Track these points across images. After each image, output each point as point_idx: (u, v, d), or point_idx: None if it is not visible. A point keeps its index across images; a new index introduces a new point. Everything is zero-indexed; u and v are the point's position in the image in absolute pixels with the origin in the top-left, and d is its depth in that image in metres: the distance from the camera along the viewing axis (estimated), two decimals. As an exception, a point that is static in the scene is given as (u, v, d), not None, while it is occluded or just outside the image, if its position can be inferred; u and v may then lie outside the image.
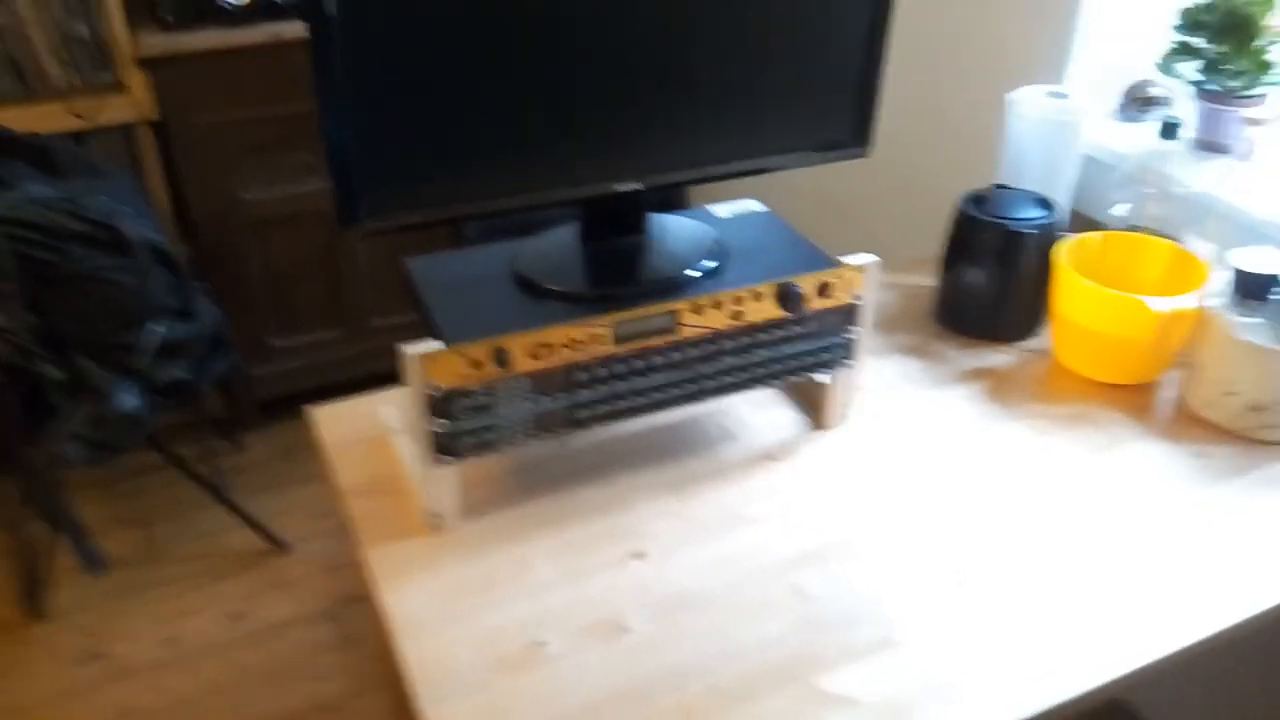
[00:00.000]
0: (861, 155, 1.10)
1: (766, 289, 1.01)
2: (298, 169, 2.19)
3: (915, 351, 1.26)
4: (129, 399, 1.75)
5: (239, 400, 2.36)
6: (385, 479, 1.07)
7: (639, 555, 0.97)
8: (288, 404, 2.40)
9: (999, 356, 1.25)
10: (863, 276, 1.04)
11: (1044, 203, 1.25)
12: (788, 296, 1.00)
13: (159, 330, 1.79)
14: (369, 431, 1.14)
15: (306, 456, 2.30)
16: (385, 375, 2.43)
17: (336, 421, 1.16)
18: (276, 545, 2.03)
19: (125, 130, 2.08)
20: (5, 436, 1.92)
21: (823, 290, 1.03)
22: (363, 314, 2.39)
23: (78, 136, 2.03)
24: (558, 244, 1.08)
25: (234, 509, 2.03)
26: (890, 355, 1.25)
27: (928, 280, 1.37)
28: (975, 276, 1.25)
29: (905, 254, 1.45)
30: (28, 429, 1.79)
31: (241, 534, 2.05)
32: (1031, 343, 1.28)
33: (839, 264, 1.03)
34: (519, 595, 0.93)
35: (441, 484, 0.98)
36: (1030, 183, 1.34)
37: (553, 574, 0.95)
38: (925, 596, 0.92)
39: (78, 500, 2.11)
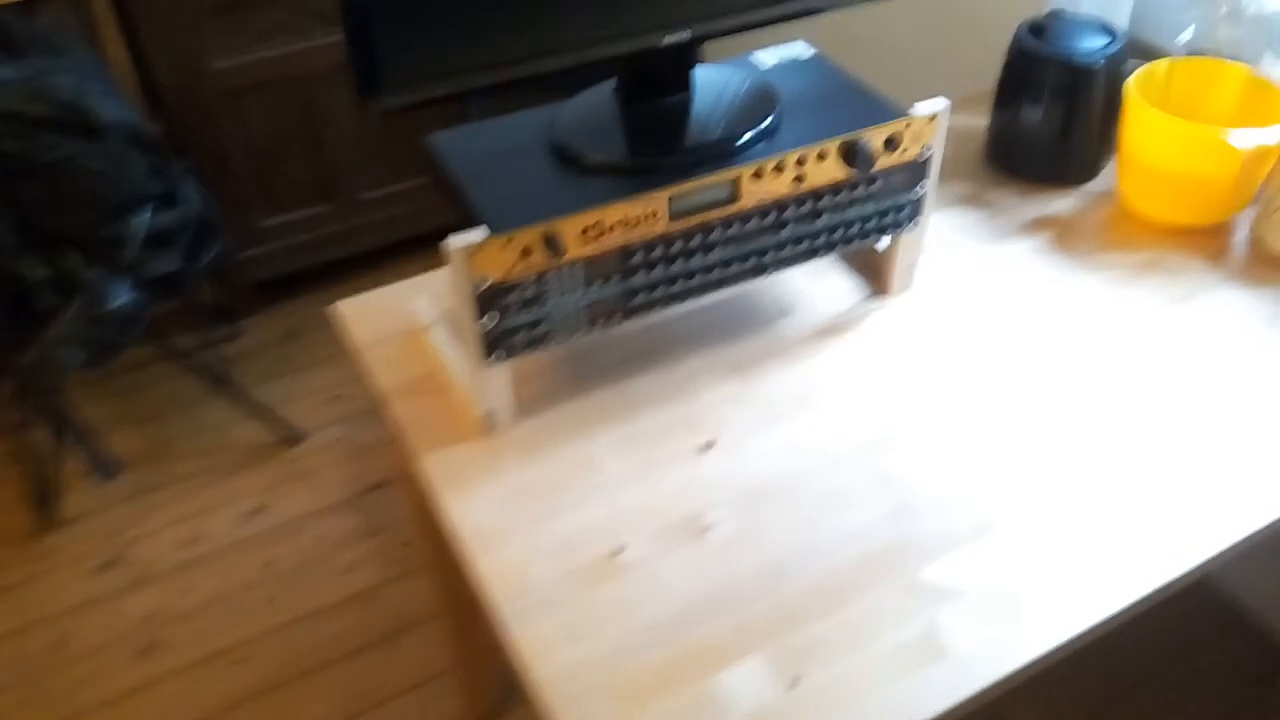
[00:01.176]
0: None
1: (831, 147, 0.91)
2: (269, 29, 2.02)
3: (971, 201, 1.18)
4: (121, 295, 1.65)
5: (231, 285, 2.25)
6: (425, 377, 1.00)
7: (709, 445, 0.91)
8: (282, 286, 2.31)
9: (1061, 202, 1.17)
10: (933, 126, 0.95)
11: (1107, 30, 1.15)
12: (855, 154, 0.91)
13: (144, 219, 1.68)
14: (400, 326, 1.06)
15: (309, 340, 2.22)
16: (379, 250, 2.35)
17: (364, 317, 1.08)
18: (288, 435, 1.97)
19: (75, -3, 1.91)
20: (-5, 344, 1.82)
21: (889, 144, 0.94)
22: (352, 187, 2.27)
23: (24, 6, 1.86)
24: (595, 109, 0.97)
25: (241, 400, 1.96)
26: (945, 207, 1.17)
27: (976, 120, 1.28)
28: (1034, 115, 1.16)
29: (946, 93, 1.34)
30: (17, 335, 1.70)
31: (250, 426, 1.99)
32: (1094, 185, 1.20)
33: (907, 114, 0.94)
34: (589, 496, 0.87)
35: (493, 383, 0.91)
36: (1087, 6, 1.23)
37: (622, 471, 0.89)
38: (1013, 474, 0.87)
39: (74, 402, 2.03)
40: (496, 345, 0.88)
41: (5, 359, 1.79)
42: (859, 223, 0.97)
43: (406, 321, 1.07)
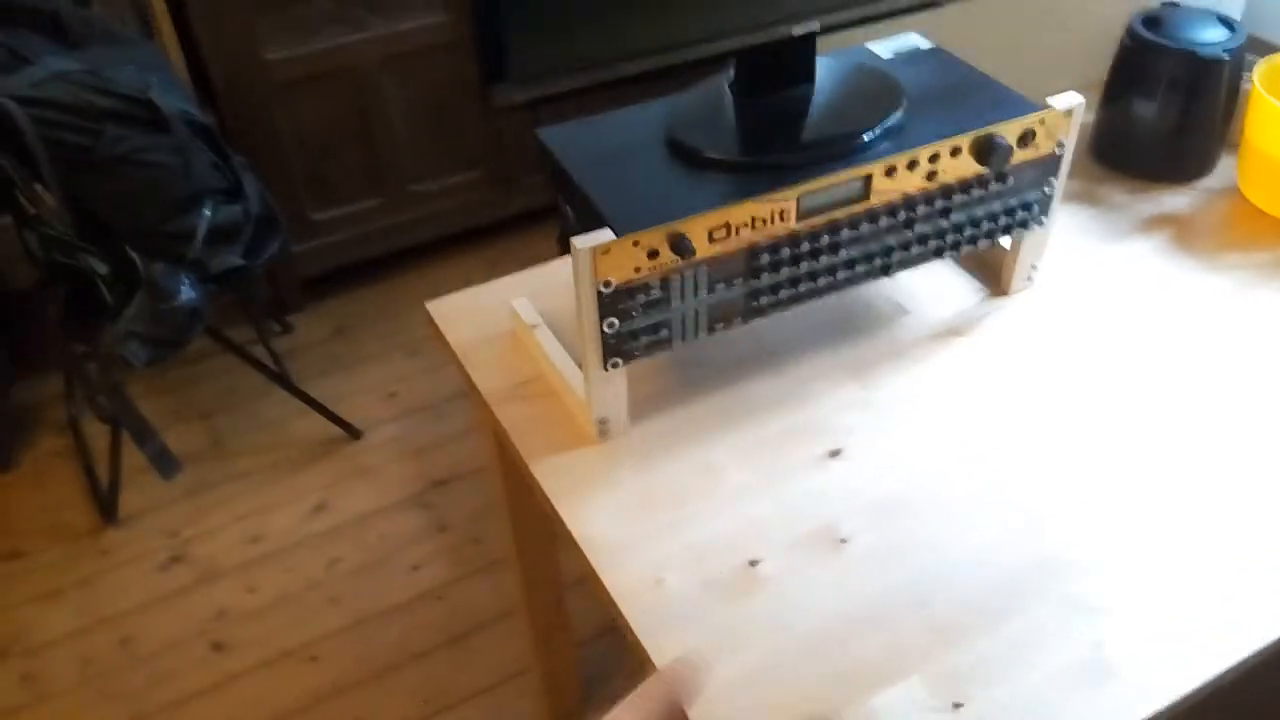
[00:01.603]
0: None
1: (965, 142, 0.88)
2: (320, 20, 1.99)
3: (1083, 198, 1.14)
4: (186, 290, 1.63)
5: (284, 280, 2.23)
6: (529, 381, 0.97)
7: (835, 453, 0.88)
8: (331, 280, 2.28)
9: (1176, 199, 1.13)
10: (1069, 121, 0.91)
11: (1226, 22, 1.11)
12: (991, 149, 0.88)
13: (208, 214, 1.65)
14: (499, 327, 1.03)
15: (358, 336, 2.19)
16: (429, 245, 2.32)
17: (461, 317, 1.05)
18: (348, 431, 1.95)
19: (132, -11, 1.88)
20: (56, 339, 1.80)
21: (1024, 140, 0.90)
22: (402, 180, 2.24)
23: (80, -1, 1.83)
24: (712, 103, 0.94)
25: (300, 395, 1.94)
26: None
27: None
28: (1148, 109, 1.12)
29: (1047, 85, 1.30)
30: (81, 330, 1.68)
31: (308, 421, 1.96)
32: (1208, 181, 1.15)
33: (1042, 107, 0.90)
34: (716, 506, 0.84)
35: (610, 389, 0.88)
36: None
37: (747, 479, 0.86)
38: (1156, 491, 0.83)
39: (131, 396, 2.02)
40: (616, 350, 0.85)
41: (69, 354, 1.77)
42: (987, 220, 0.94)
43: (506, 322, 1.04)
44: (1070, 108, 0.90)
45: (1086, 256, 1.06)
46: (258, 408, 2.02)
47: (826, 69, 0.96)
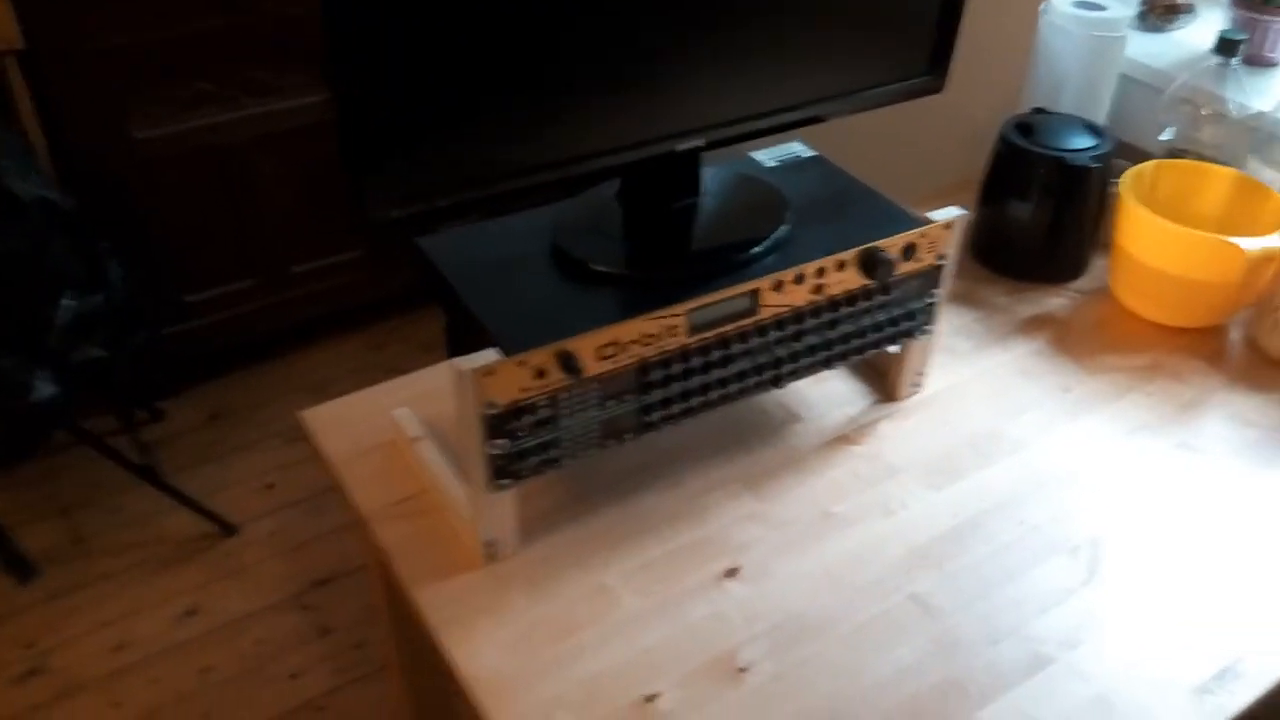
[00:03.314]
0: (939, 89, 0.97)
1: (850, 257, 0.88)
2: (194, 99, 1.93)
3: (964, 300, 1.16)
4: (44, 387, 1.53)
5: (154, 364, 2.12)
6: (411, 497, 0.93)
7: (732, 572, 0.86)
8: (206, 364, 2.18)
9: (1053, 300, 1.16)
10: (949, 234, 0.92)
11: (1093, 129, 1.15)
12: (875, 264, 0.88)
13: (66, 303, 1.56)
14: (377, 436, 0.99)
15: (236, 423, 2.10)
16: (310, 325, 2.25)
17: (336, 427, 1.00)
18: (221, 527, 1.85)
19: (-13, 65, 1.78)
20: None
21: (906, 252, 0.91)
22: (279, 260, 2.17)
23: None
24: (598, 213, 0.92)
25: (166, 489, 1.83)
26: (938, 305, 1.15)
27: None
28: (1024, 212, 1.15)
29: (924, 185, 1.34)
30: (-76, 430, 1.56)
31: (178, 517, 1.86)
32: (1083, 282, 1.19)
33: (925, 221, 0.91)
34: (610, 635, 0.81)
35: (497, 511, 0.84)
36: (1067, 105, 1.24)
37: (641, 604, 0.83)
38: (1058, 595, 0.84)
39: (-19, 493, 1.88)
40: (504, 472, 0.81)
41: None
42: (873, 330, 0.94)
43: (385, 433, 0.99)
44: (950, 220, 0.91)
45: (971, 359, 1.08)
46: (124, 502, 1.90)
47: (712, 180, 0.96)
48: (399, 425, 0.97)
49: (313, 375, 2.21)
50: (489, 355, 0.76)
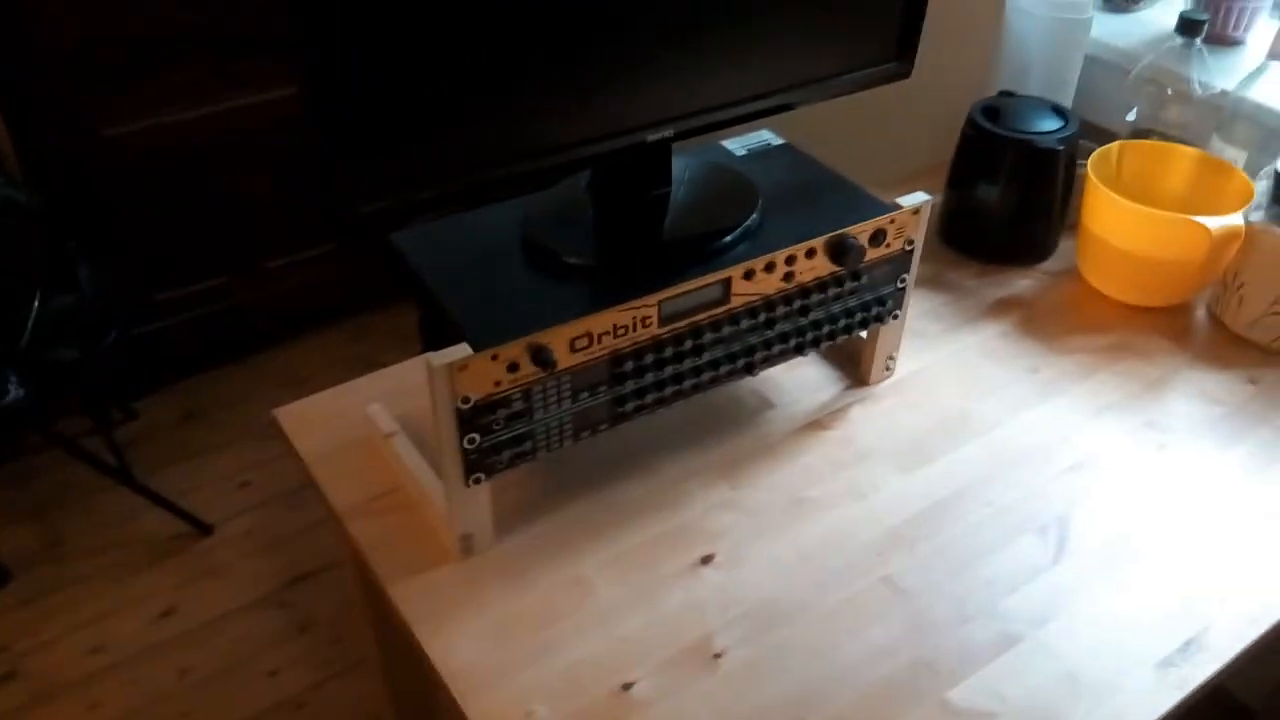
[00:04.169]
0: (906, 75, 0.98)
1: (819, 244, 0.88)
2: (165, 93, 1.91)
3: (933, 284, 1.17)
4: (13, 390, 1.51)
5: (126, 365, 2.10)
6: (386, 493, 0.93)
7: (707, 560, 0.86)
8: (179, 362, 2.17)
9: (1021, 282, 1.17)
10: (917, 219, 0.93)
11: (1060, 111, 1.16)
12: (845, 250, 0.89)
13: (35, 305, 1.55)
14: (353, 434, 0.98)
15: (210, 421, 2.09)
16: (284, 321, 2.23)
17: (309, 425, 0.99)
18: (197, 526, 1.84)
19: (-50, 65, 1.76)
20: None
21: (875, 239, 0.92)
22: (250, 256, 2.15)
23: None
24: (569, 205, 0.92)
25: (140, 489, 1.82)
26: (908, 289, 1.16)
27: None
28: (991, 195, 1.16)
29: (893, 169, 1.34)
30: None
31: (152, 517, 1.85)
32: (1050, 264, 1.20)
33: (893, 207, 0.92)
34: (586, 625, 0.81)
35: (472, 505, 0.84)
36: (1034, 87, 1.25)
37: (618, 594, 0.84)
38: (1027, 574, 0.85)
39: (-48, 498, 1.87)
40: (478, 466, 0.81)
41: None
42: (844, 316, 0.94)
43: (359, 429, 0.99)
44: (918, 206, 0.92)
45: (940, 342, 1.09)
46: (97, 504, 1.89)
47: (682, 170, 0.96)
48: (372, 421, 0.97)
49: (290, 370, 2.20)
50: (461, 350, 0.76)
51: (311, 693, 1.57)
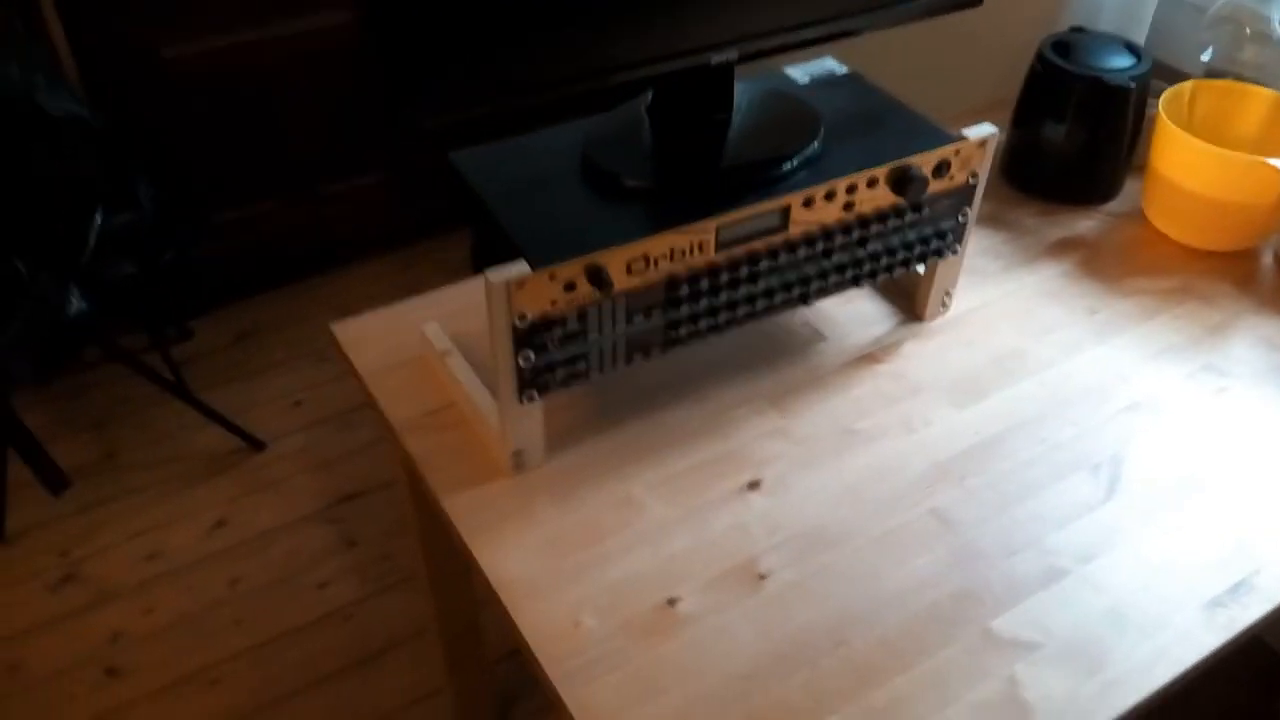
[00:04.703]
0: (977, 3, 0.95)
1: (881, 173, 0.88)
2: (225, 15, 1.91)
3: (993, 222, 1.15)
4: (75, 302, 1.55)
5: (184, 284, 2.14)
6: (440, 409, 0.94)
7: (754, 485, 0.87)
8: (234, 284, 2.20)
9: (1084, 223, 1.15)
10: (983, 151, 0.92)
11: (1132, 48, 1.13)
12: (907, 181, 0.88)
13: (99, 220, 1.57)
14: (407, 351, 1.00)
15: (264, 342, 2.12)
16: (338, 247, 2.26)
17: (367, 341, 1.01)
18: (250, 443, 1.88)
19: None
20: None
21: (939, 170, 0.90)
22: (307, 181, 2.17)
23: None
24: (629, 128, 0.92)
25: (196, 404, 1.86)
26: (966, 227, 1.14)
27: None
28: (1057, 133, 1.14)
29: (957, 105, 1.32)
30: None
31: (207, 433, 1.89)
32: (1114, 205, 1.18)
33: (958, 138, 0.90)
34: (635, 543, 0.82)
35: (525, 422, 0.86)
36: (1106, 24, 1.21)
37: (666, 514, 0.85)
38: (1077, 511, 0.85)
39: (14, 407, 1.92)
40: (532, 383, 0.83)
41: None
42: (903, 249, 0.94)
43: (416, 346, 1.01)
44: (984, 138, 0.91)
45: (999, 281, 1.08)
46: (153, 418, 1.94)
47: (744, 95, 0.95)
48: (428, 339, 0.99)
49: (340, 297, 2.22)
50: (520, 267, 0.77)
51: (359, 605, 1.62)
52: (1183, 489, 0.87)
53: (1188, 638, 0.76)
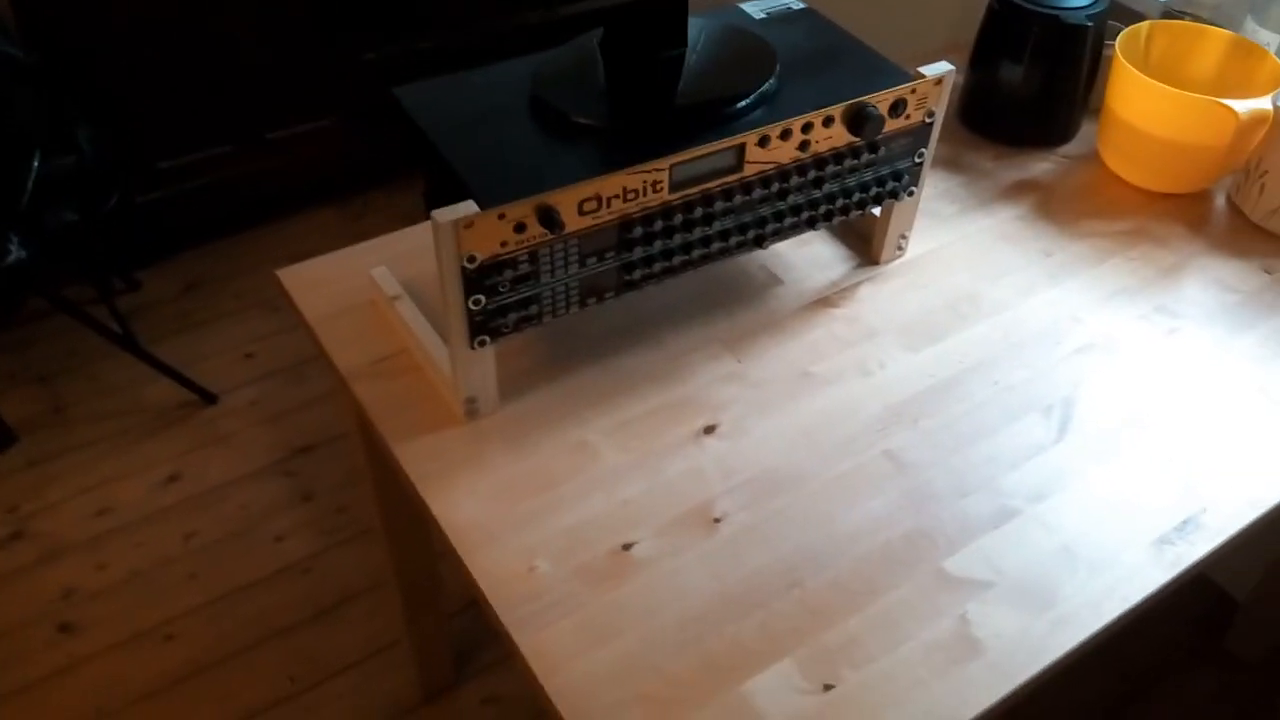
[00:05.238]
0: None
1: (837, 112, 0.86)
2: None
3: (950, 165, 1.15)
4: (14, 250, 1.50)
5: (128, 232, 2.09)
6: (390, 356, 0.92)
7: (710, 430, 0.87)
8: (181, 233, 2.15)
9: (1040, 165, 1.15)
10: (939, 90, 0.91)
11: (1090, -13, 1.12)
12: (864, 119, 0.86)
13: (35, 165, 1.52)
14: (355, 296, 0.98)
15: (212, 293, 2.08)
16: (288, 194, 2.21)
17: (313, 287, 0.99)
18: (202, 396, 1.85)
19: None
20: None
21: (895, 109, 0.89)
22: (255, 125, 2.12)
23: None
24: (580, 64, 0.90)
25: (145, 357, 1.82)
26: (923, 170, 1.14)
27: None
28: (1014, 73, 1.13)
29: (913, 46, 1.30)
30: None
31: (157, 386, 1.86)
32: (1070, 147, 1.17)
33: (915, 76, 0.89)
34: (589, 489, 0.82)
35: (477, 368, 0.84)
36: (1064, -37, 1.20)
37: (621, 459, 0.84)
38: (1028, 452, 0.85)
39: (-43, 361, 1.87)
40: (483, 328, 0.81)
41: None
42: (859, 190, 0.93)
43: (363, 292, 0.98)
44: (940, 76, 0.89)
45: (953, 223, 1.07)
46: (102, 371, 1.90)
47: (699, 30, 0.93)
48: (377, 284, 0.96)
49: (290, 246, 2.18)
50: (468, 207, 0.75)
51: (316, 559, 1.60)
52: (1133, 429, 0.87)
53: (1136, 575, 0.76)
